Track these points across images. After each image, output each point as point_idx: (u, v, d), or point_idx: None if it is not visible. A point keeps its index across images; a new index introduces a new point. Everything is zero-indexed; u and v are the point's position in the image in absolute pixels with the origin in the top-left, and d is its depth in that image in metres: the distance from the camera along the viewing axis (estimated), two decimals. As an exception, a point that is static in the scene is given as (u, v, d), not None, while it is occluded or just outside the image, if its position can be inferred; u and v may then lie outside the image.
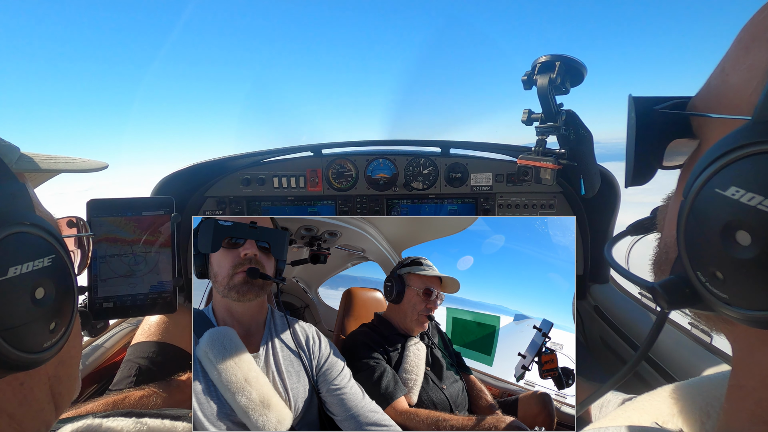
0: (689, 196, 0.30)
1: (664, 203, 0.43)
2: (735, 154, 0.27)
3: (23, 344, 0.34)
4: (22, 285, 0.35)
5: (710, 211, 0.29)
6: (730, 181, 0.27)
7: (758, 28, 0.31)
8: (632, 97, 0.40)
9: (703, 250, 0.30)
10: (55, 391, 0.42)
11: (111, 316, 0.76)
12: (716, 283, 0.29)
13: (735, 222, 0.27)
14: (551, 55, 0.67)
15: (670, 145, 0.39)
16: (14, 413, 0.37)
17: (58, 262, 0.39)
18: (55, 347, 0.38)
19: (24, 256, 0.35)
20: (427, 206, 1.70)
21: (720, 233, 0.28)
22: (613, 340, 1.37)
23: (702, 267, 0.30)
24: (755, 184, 0.26)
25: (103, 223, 0.67)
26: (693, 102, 0.37)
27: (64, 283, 0.40)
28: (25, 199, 0.38)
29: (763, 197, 0.25)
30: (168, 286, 0.68)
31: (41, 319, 0.36)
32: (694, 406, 0.45)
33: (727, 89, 0.32)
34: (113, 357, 1.31)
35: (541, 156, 0.75)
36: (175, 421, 0.56)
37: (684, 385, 0.50)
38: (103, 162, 0.57)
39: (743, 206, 0.26)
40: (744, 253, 0.26)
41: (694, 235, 0.30)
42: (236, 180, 1.63)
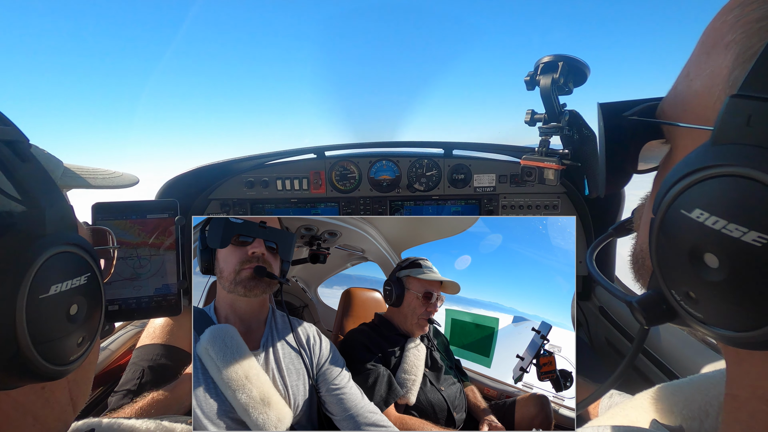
0: (658, 215, 0.30)
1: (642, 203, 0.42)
2: (697, 175, 0.27)
3: (54, 357, 0.35)
4: (61, 302, 0.36)
5: (678, 232, 0.28)
6: (695, 203, 0.27)
7: (717, 33, 0.30)
8: (600, 104, 0.39)
9: (674, 270, 0.30)
10: (73, 393, 0.44)
11: (116, 319, 0.76)
12: (690, 303, 0.29)
13: (702, 245, 0.26)
14: (554, 55, 0.67)
15: (644, 148, 0.38)
16: (38, 414, 0.39)
17: (92, 280, 0.41)
18: (80, 359, 0.40)
19: (65, 275, 0.37)
20: (431, 207, 1.70)
21: (689, 254, 0.27)
22: (618, 341, 1.36)
23: (675, 286, 0.30)
24: (719, 208, 0.25)
25: (108, 226, 0.68)
26: (661, 106, 0.37)
27: (95, 299, 0.41)
28: (71, 219, 0.40)
29: (727, 221, 0.25)
30: (173, 289, 0.69)
31: (72, 334, 0.38)
32: (694, 404, 0.45)
33: (692, 95, 0.32)
34: (118, 360, 1.32)
35: (545, 156, 0.75)
36: (174, 423, 0.57)
37: (683, 383, 0.50)
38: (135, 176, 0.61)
39: (708, 230, 0.26)
40: (714, 276, 0.26)
41: (665, 253, 0.30)
42: (240, 183, 1.64)
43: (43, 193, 0.36)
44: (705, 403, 0.45)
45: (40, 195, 0.36)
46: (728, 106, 0.26)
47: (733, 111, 0.25)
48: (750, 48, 0.27)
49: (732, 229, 0.24)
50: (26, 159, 0.36)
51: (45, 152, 0.44)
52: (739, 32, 0.28)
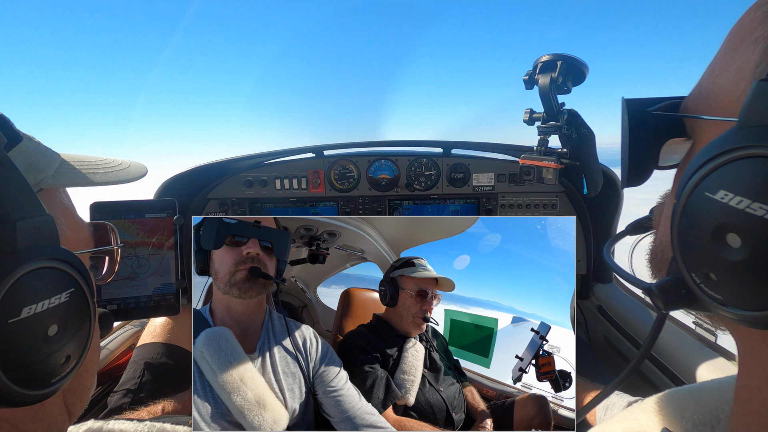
0: (681, 199, 0.31)
1: (661, 201, 0.43)
2: (723, 158, 0.27)
3: (30, 383, 0.32)
4: (36, 324, 0.33)
5: (701, 214, 0.29)
6: (720, 184, 0.27)
7: (745, 30, 0.31)
8: (625, 99, 0.40)
9: (696, 252, 0.30)
10: (69, 402, 0.42)
11: (114, 319, 0.76)
12: (710, 285, 0.29)
13: (725, 225, 0.27)
14: (553, 54, 0.67)
15: (665, 145, 0.39)
16: (25, 429, 0.36)
17: (76, 295, 0.37)
18: (66, 379, 0.36)
19: (40, 295, 0.33)
20: (430, 207, 1.69)
21: (711, 236, 0.28)
22: (617, 339, 1.36)
23: (696, 268, 0.30)
24: (743, 188, 0.26)
25: None
26: (685, 103, 0.37)
27: (81, 315, 0.38)
28: (50, 232, 0.35)
29: (751, 200, 0.25)
30: (171, 288, 0.69)
31: (52, 356, 0.34)
32: (704, 410, 0.45)
33: (717, 90, 0.32)
34: (118, 359, 1.32)
35: (543, 155, 0.75)
36: (176, 425, 0.56)
37: (693, 388, 0.49)
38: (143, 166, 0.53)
39: (732, 210, 0.26)
40: (735, 255, 0.26)
41: (687, 237, 0.31)
42: (238, 182, 1.63)
43: (14, 204, 0.32)
44: (716, 408, 0.44)
45: (10, 205, 0.32)
46: (756, 90, 0.26)
47: (761, 94, 0.26)
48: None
49: (756, 207, 0.25)
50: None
51: (40, 145, 0.40)
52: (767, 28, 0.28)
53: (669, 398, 0.49)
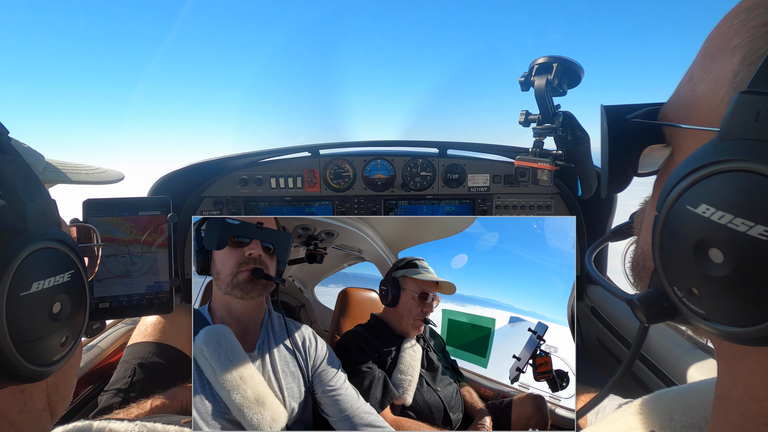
0: (662, 212, 0.30)
1: (642, 207, 0.43)
2: (704, 170, 0.27)
3: (35, 358, 0.34)
4: (44, 300, 0.35)
5: (683, 228, 0.29)
6: (701, 198, 0.27)
7: (722, 38, 0.30)
8: (604, 106, 0.40)
9: (678, 266, 0.30)
10: (52, 399, 0.42)
11: (107, 317, 0.75)
12: (693, 299, 0.29)
13: (707, 240, 0.27)
14: (549, 56, 0.68)
15: (645, 152, 0.39)
16: (15, 420, 0.37)
17: (76, 277, 0.39)
18: (64, 360, 0.38)
19: (48, 272, 0.35)
20: (425, 207, 1.70)
21: (693, 250, 0.28)
22: (610, 341, 1.37)
23: (678, 282, 0.30)
24: (725, 203, 0.25)
25: (100, 222, 0.67)
26: (664, 110, 0.37)
27: (79, 297, 0.40)
28: (54, 214, 0.38)
29: (733, 216, 0.25)
30: (165, 287, 0.68)
31: (55, 333, 0.36)
32: (692, 411, 0.45)
33: (696, 99, 0.32)
34: (109, 357, 1.31)
35: (539, 157, 0.76)
36: (168, 425, 0.56)
37: (682, 390, 0.50)
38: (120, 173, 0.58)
39: (714, 225, 0.26)
40: (717, 271, 0.26)
41: (668, 250, 0.30)
42: (233, 180, 1.62)
43: (24, 187, 0.35)
44: (704, 410, 0.45)
45: (21, 188, 0.34)
46: (737, 102, 0.26)
47: (742, 107, 0.25)
48: (756, 51, 0.27)
49: (738, 223, 0.24)
50: (6, 151, 0.35)
51: (25, 146, 0.42)
52: (745, 36, 0.28)
53: (658, 400, 0.50)
